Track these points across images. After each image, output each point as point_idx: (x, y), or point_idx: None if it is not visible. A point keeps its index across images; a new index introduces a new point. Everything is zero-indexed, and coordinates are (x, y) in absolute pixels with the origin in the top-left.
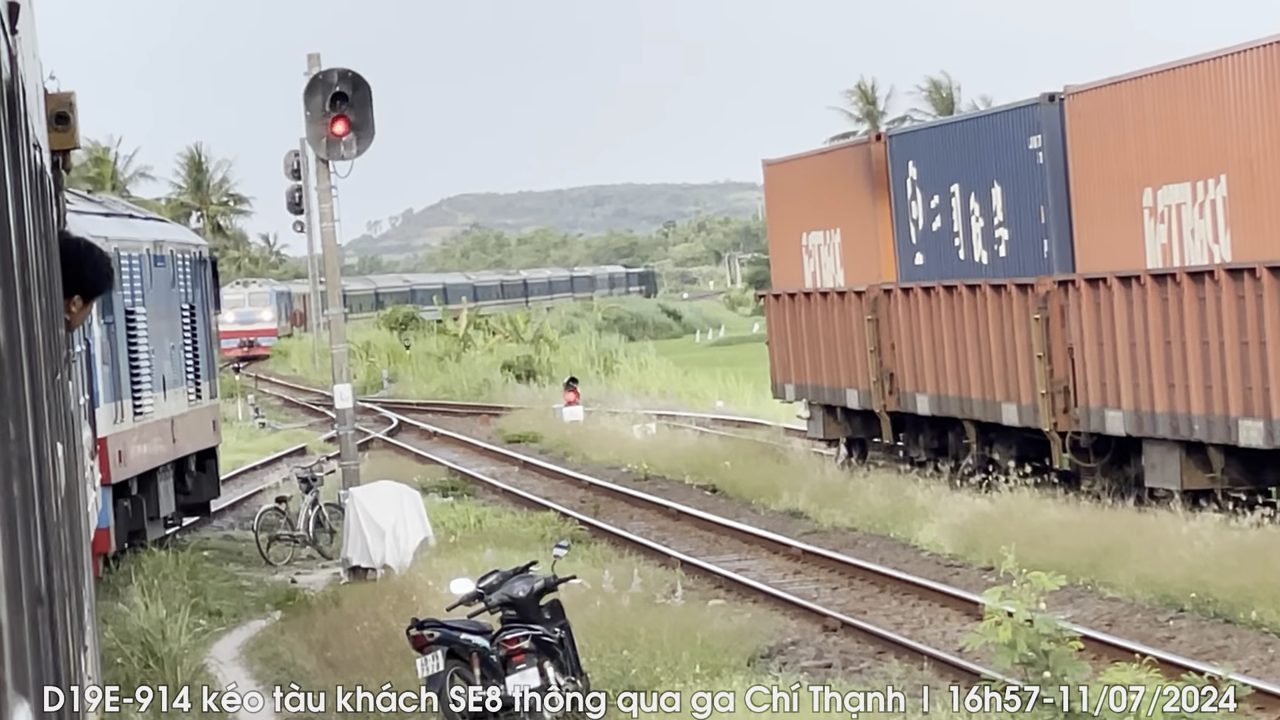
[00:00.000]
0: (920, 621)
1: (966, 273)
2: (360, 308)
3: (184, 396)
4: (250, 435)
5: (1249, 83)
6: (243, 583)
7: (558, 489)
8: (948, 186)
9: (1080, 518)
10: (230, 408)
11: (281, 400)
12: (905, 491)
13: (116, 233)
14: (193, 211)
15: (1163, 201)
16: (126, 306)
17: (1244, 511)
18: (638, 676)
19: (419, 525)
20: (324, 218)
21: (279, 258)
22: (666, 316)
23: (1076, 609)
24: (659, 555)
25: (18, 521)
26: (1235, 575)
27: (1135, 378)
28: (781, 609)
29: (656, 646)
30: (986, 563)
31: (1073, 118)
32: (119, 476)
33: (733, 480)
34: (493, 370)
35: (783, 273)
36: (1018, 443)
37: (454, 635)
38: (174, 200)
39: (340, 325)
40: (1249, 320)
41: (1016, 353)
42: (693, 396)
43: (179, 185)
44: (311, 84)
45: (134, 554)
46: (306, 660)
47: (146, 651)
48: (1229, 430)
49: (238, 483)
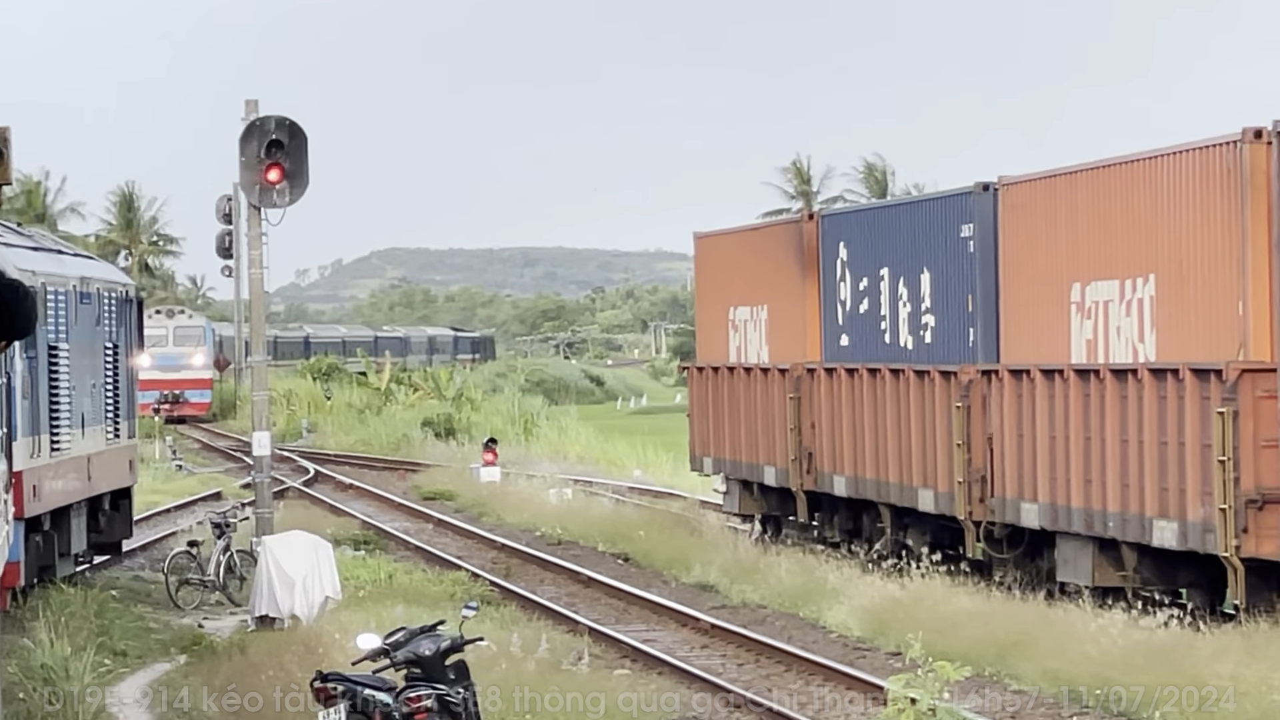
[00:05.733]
0: (825, 703)
1: (891, 356)
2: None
3: (102, 435)
4: (166, 477)
5: (1182, 184)
6: (150, 624)
7: (470, 549)
8: (877, 269)
9: (990, 608)
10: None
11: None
12: (817, 571)
13: (44, 267)
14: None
15: (1090, 297)
16: (50, 342)
17: (1153, 611)
18: None
19: (329, 579)
20: (253, 264)
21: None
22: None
23: (981, 699)
24: (568, 621)
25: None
26: (1141, 674)
27: (1053, 471)
28: (687, 682)
29: (559, 713)
30: (894, 647)
31: (1005, 208)
32: (32, 511)
33: (646, 550)
34: (412, 426)
35: (708, 345)
36: (932, 529)
37: (358, 690)
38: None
39: (263, 372)
40: (1169, 421)
41: (936, 439)
42: (611, 463)
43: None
44: (248, 129)
45: (43, 589)
46: (209, 706)
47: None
48: (1143, 529)
49: (151, 524)
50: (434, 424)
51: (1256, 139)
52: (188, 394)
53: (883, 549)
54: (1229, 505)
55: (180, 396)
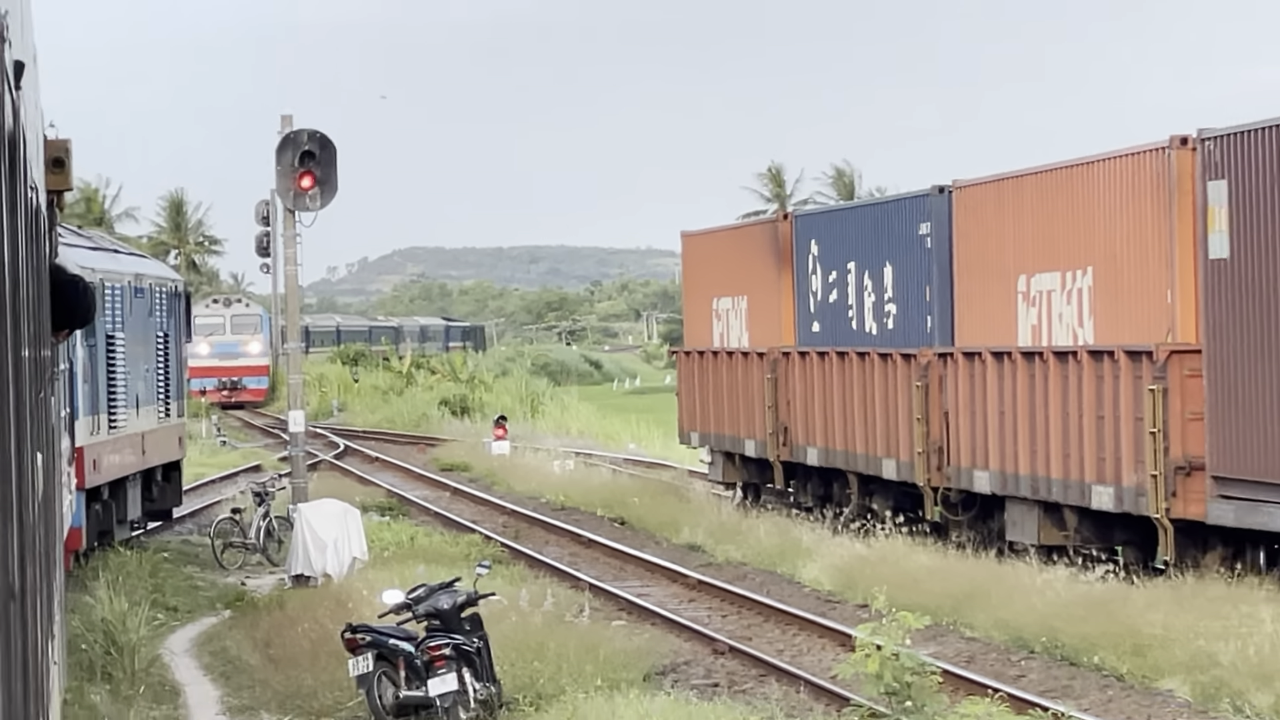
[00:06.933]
0: (799, 649)
1: (857, 341)
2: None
3: (154, 414)
4: (212, 452)
5: (1116, 187)
6: (197, 583)
7: (483, 514)
8: (845, 264)
9: (947, 565)
10: (195, 426)
11: (241, 422)
12: (792, 533)
13: (102, 265)
14: (171, 249)
15: (1035, 288)
16: (107, 332)
17: (1092, 567)
18: (545, 686)
19: (358, 541)
20: (288, 261)
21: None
22: (589, 365)
23: (939, 646)
24: (570, 578)
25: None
26: (1082, 623)
27: (1002, 442)
28: (676, 632)
29: (563, 660)
30: (861, 600)
31: (959, 208)
32: (92, 482)
33: (639, 515)
34: (431, 405)
35: (694, 332)
36: (895, 495)
37: (383, 640)
38: (154, 239)
39: (298, 357)
40: (1106, 397)
41: (898, 415)
42: (608, 438)
43: (160, 225)
44: (283, 141)
45: (102, 552)
46: (251, 655)
47: (108, 640)
48: (1083, 494)
49: (198, 493)
50: (450, 403)
51: (1183, 146)
52: (245, 380)
53: (851, 513)
54: (1159, 472)
55: (238, 383)
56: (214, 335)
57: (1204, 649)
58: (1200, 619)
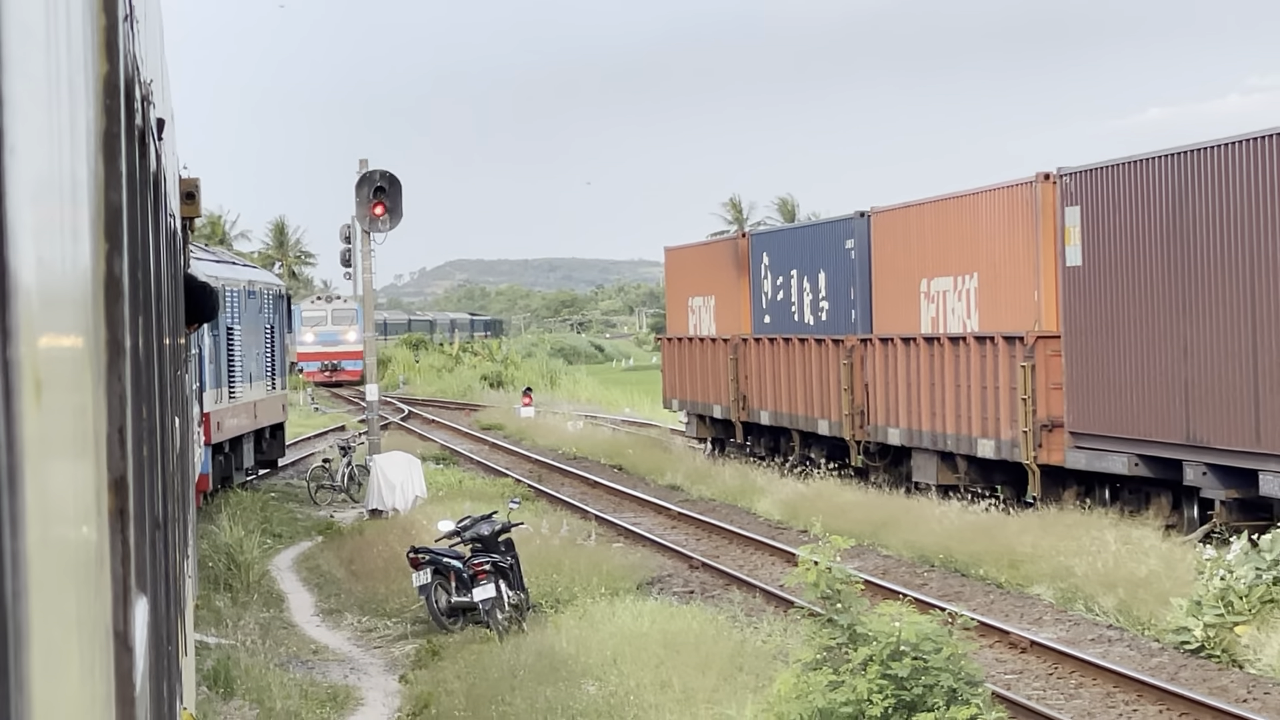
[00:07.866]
0: (756, 564)
1: (798, 330)
2: None
3: (264, 387)
4: (307, 416)
5: (995, 212)
6: (296, 516)
7: (514, 463)
8: (789, 271)
9: (867, 499)
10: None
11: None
12: (750, 476)
13: (223, 274)
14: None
15: (934, 289)
16: (228, 324)
17: (978, 501)
18: (562, 593)
19: (419, 483)
20: (365, 271)
21: None
22: (594, 349)
23: (862, 561)
24: (580, 511)
25: (145, 472)
26: (970, 544)
27: (909, 406)
28: (662, 552)
29: (575, 573)
30: (802, 527)
31: (876, 228)
32: (216, 439)
33: (633, 462)
34: (474, 380)
35: (675, 323)
36: (828, 446)
37: (439, 558)
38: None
39: (373, 344)
40: (988, 372)
41: (829, 386)
42: (609, 404)
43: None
44: (361, 179)
45: (224, 493)
46: (337, 570)
47: (229, 559)
48: (971, 445)
49: (297, 448)
50: (489, 378)
51: (1045, 180)
52: (343, 364)
53: (794, 460)
54: (1029, 429)
55: (338, 365)
56: (319, 326)
57: (1063, 563)
58: (1060, 540)
